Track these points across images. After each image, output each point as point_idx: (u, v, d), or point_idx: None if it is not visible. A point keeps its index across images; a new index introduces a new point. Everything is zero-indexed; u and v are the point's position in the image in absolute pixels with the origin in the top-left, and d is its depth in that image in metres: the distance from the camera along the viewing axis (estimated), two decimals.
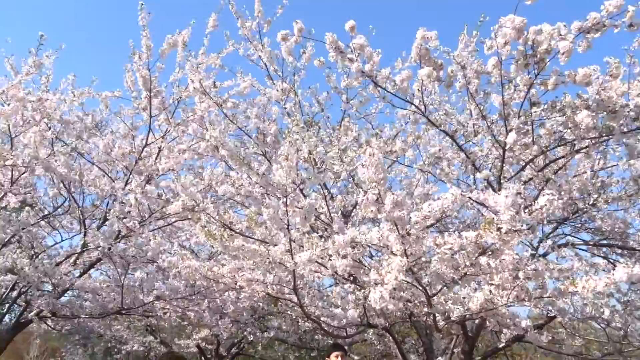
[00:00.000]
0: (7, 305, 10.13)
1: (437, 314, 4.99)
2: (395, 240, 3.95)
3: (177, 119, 8.01)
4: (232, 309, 8.88)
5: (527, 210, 3.68)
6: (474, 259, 3.91)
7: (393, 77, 5.44)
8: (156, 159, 7.93)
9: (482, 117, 6.03)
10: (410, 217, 3.88)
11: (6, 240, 7.81)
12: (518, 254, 4.06)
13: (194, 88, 7.04)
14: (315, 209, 6.70)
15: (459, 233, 3.93)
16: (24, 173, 6.94)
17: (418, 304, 4.81)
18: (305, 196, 5.80)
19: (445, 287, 4.38)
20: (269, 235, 5.50)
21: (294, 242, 4.75)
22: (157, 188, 7.09)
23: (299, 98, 7.67)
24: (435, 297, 4.66)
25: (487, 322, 5.72)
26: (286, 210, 4.51)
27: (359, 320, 6.92)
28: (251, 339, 10.55)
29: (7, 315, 11.66)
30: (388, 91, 5.57)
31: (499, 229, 3.59)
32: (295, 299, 5.69)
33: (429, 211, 3.87)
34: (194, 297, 8.24)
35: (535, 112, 5.36)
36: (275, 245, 5.07)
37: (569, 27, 4.63)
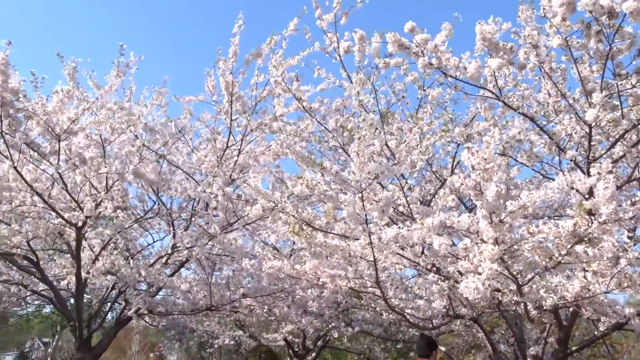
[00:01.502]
0: (108, 304, 10.90)
1: (528, 303, 4.80)
2: (487, 227, 3.83)
3: (256, 120, 8.22)
4: (316, 305, 9.01)
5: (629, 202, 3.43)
6: (569, 247, 3.71)
7: (463, 65, 5.27)
8: (236, 161, 8.16)
9: (561, 95, 5.71)
10: (506, 205, 3.73)
11: (105, 243, 8.39)
12: (618, 240, 3.81)
13: (275, 81, 7.15)
14: (393, 200, 6.64)
15: (553, 220, 3.74)
16: (117, 180, 7.38)
17: (507, 292, 4.65)
18: (383, 188, 5.76)
19: (537, 276, 4.20)
20: (348, 229, 5.52)
21: (373, 234, 4.72)
22: (238, 189, 7.30)
23: (375, 89, 7.58)
24: (526, 286, 4.48)
25: (583, 310, 5.43)
26: (363, 206, 4.49)
27: (445, 311, 6.80)
28: (335, 335, 10.66)
29: (109, 314, 12.56)
30: (459, 79, 5.40)
31: (590, 213, 3.39)
32: (378, 292, 5.67)
33: (529, 201, 3.68)
34: (278, 294, 8.45)
35: (620, 83, 4.99)
36: (356, 239, 5.08)
37: None
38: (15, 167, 6.40)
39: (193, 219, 8.97)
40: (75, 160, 6.95)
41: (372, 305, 8.24)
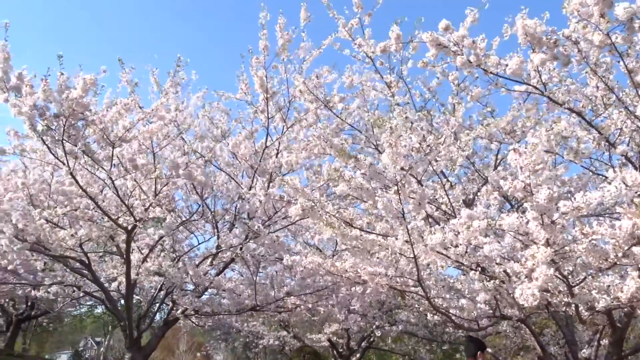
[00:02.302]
0: (157, 305, 11.21)
1: (579, 304, 4.65)
2: (538, 228, 3.71)
3: (291, 119, 8.26)
4: (359, 303, 8.99)
5: None
6: (626, 249, 3.57)
7: (504, 62, 5.15)
8: (275, 160, 8.21)
9: (609, 89, 5.51)
10: (558, 206, 3.58)
11: (153, 245, 8.65)
12: None
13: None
14: (435, 198, 6.56)
15: (607, 220, 3.59)
16: (165, 185, 7.58)
17: (557, 293, 4.51)
18: (422, 186, 5.71)
19: (589, 276, 4.05)
20: (390, 229, 5.49)
21: (412, 231, 4.67)
22: (279, 188, 7.36)
23: (409, 87, 7.50)
24: (577, 287, 4.33)
25: (638, 311, 5.21)
26: (399, 199, 4.45)
27: (491, 311, 6.67)
28: (379, 333, 10.60)
29: (157, 314, 12.91)
30: (500, 75, 5.29)
31: None
32: (421, 291, 5.62)
33: (584, 202, 3.52)
34: (321, 292, 8.48)
35: None
36: (397, 238, 5.05)
37: None
38: (71, 173, 6.68)
39: (236, 220, 9.13)
40: (128, 166, 7.18)
41: (416, 305, 8.16)
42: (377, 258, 6.13)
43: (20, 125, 6.27)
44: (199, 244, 10.81)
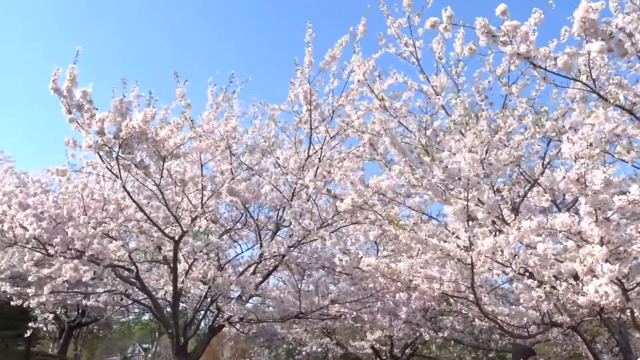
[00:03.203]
0: (202, 312, 11.39)
1: (635, 310, 4.48)
2: (591, 225, 3.57)
3: (335, 128, 8.32)
4: (405, 309, 8.90)
5: None
6: None
7: (554, 55, 5.00)
8: (317, 169, 8.27)
9: None
10: (613, 201, 3.43)
11: (197, 254, 8.81)
12: None
13: (358, 80, 7.14)
14: (482, 201, 6.46)
15: None
16: (211, 196, 7.72)
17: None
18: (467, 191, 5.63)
19: None
20: (436, 232, 5.44)
21: (473, 237, 4.60)
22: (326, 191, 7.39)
23: (459, 88, 7.42)
24: (632, 291, 4.17)
25: None
26: (467, 205, 4.37)
27: (541, 318, 6.49)
28: (427, 338, 10.45)
29: (202, 321, 13.10)
30: (549, 71, 5.14)
31: None
32: (472, 297, 5.53)
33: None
34: (366, 299, 8.45)
35: None
36: (444, 241, 5.00)
37: None
38: (124, 186, 6.89)
39: (279, 227, 9.21)
40: (177, 182, 7.36)
41: (464, 311, 8.02)
42: (423, 260, 6.07)
43: (79, 136, 6.44)
44: (243, 252, 10.96)
